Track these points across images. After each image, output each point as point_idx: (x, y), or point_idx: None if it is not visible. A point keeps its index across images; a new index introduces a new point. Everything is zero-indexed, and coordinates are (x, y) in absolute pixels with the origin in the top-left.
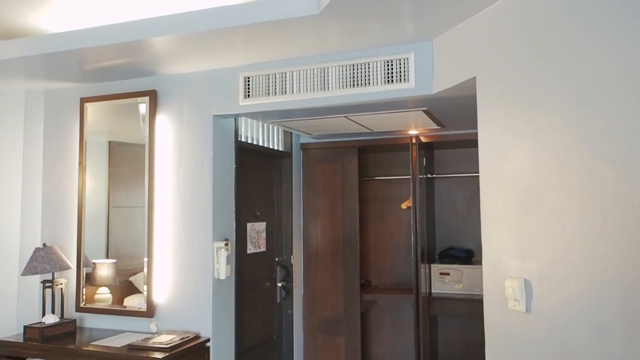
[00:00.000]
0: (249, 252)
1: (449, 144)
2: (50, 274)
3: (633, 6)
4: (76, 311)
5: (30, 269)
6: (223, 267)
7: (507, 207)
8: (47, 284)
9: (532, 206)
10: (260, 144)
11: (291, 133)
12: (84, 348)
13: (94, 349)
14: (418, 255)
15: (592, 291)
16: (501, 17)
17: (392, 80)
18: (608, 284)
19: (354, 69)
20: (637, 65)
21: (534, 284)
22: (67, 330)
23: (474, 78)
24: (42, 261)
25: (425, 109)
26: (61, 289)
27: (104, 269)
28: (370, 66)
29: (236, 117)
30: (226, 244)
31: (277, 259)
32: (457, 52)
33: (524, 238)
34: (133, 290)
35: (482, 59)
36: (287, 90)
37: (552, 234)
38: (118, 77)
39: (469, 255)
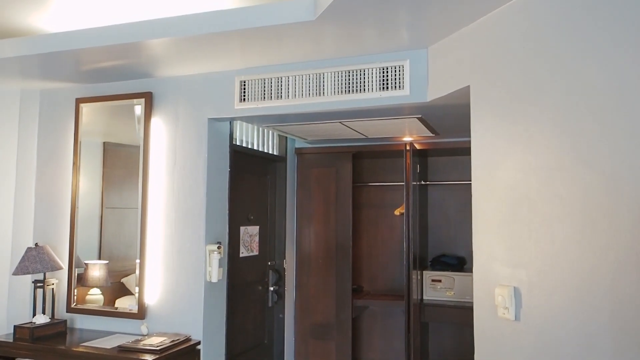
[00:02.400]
0: (241, 255)
1: (442, 152)
2: (42, 274)
3: (621, 20)
4: (67, 312)
5: (21, 269)
6: (215, 270)
7: (499, 215)
8: (38, 284)
9: (523, 215)
10: (255, 147)
11: (286, 137)
12: (74, 349)
13: (84, 350)
14: (410, 262)
15: (581, 300)
16: (495, 27)
17: (387, 87)
18: (596, 293)
19: (349, 75)
20: (627, 78)
21: (523, 292)
22: (57, 331)
23: (468, 87)
24: (34, 261)
25: (420, 116)
26: (52, 289)
27: (96, 270)
28: (366, 73)
29: (231, 120)
30: (219, 247)
31: (269, 263)
32: (451, 61)
33: (514, 246)
34: (125, 292)
35: (476, 68)
36: (283, 95)
37: (542, 243)
38: (114, 78)
39: (461, 263)
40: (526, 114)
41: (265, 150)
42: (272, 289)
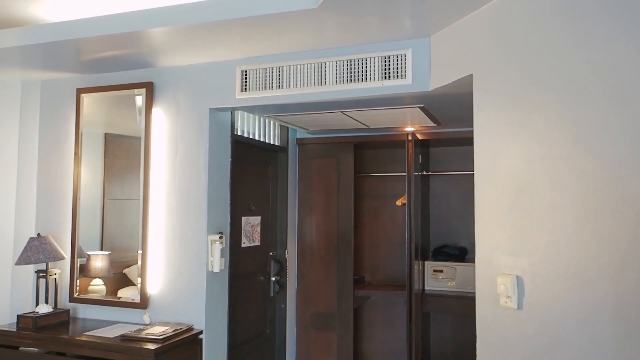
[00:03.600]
0: (243, 245)
1: (444, 142)
2: (44, 264)
3: (624, 8)
4: (70, 301)
5: (24, 259)
6: (217, 260)
7: (501, 205)
8: (41, 274)
9: (525, 204)
10: (257, 138)
11: (287, 128)
12: (77, 338)
13: (87, 339)
14: (412, 252)
15: (583, 288)
16: (498, 15)
17: (389, 77)
18: (598, 281)
19: (351, 65)
20: (630, 67)
21: (525, 280)
22: (60, 320)
23: (471, 75)
24: (36, 251)
25: (422, 105)
26: (55, 279)
27: (98, 261)
28: (368, 62)
29: (233, 110)
30: (220, 237)
31: (271, 253)
32: (454, 50)
33: (516, 235)
34: (127, 282)
35: (479, 56)
36: (284, 84)
37: (544, 231)
38: (115, 68)
39: (463, 253)
40: (529, 103)
41: (267, 141)
42: (273, 279)
